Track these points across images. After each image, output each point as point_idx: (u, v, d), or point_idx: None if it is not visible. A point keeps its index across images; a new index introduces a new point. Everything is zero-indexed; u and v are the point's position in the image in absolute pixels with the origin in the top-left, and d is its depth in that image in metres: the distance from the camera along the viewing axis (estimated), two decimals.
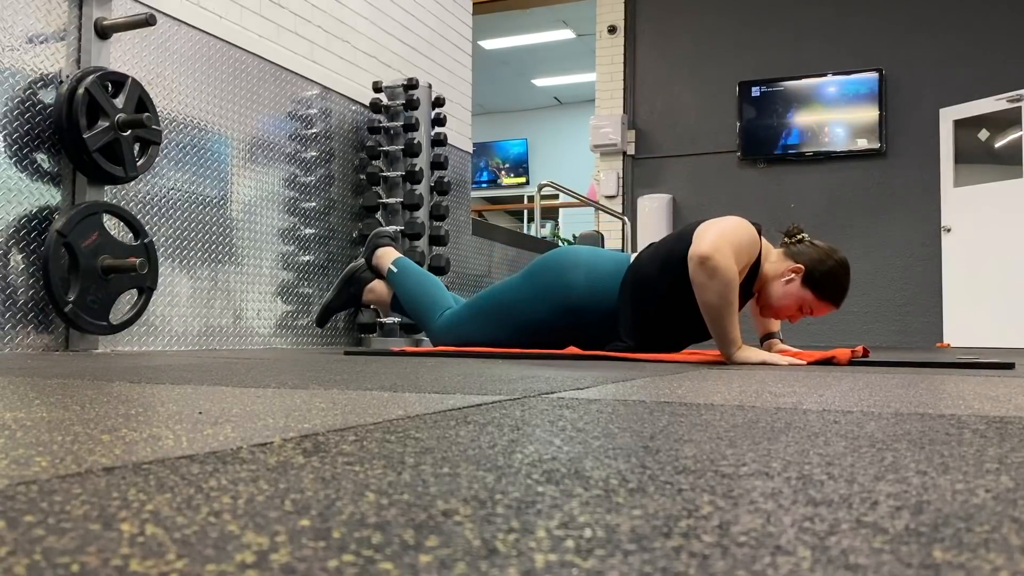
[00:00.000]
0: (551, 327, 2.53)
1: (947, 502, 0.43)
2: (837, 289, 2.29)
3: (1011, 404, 1.02)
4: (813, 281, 2.27)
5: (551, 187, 6.44)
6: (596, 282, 2.47)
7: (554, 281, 2.51)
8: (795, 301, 2.30)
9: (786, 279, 2.30)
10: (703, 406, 0.95)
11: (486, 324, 2.62)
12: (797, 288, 2.29)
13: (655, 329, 2.42)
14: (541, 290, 2.53)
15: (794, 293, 2.29)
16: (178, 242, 3.16)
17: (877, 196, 6.89)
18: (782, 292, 2.30)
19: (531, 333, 2.57)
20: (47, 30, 2.69)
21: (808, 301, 2.29)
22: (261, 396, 1.01)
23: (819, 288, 2.27)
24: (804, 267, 2.28)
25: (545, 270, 2.54)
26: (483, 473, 0.50)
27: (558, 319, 2.51)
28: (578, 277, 2.49)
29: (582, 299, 2.47)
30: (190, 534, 0.34)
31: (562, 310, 2.50)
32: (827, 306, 2.30)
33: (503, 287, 2.63)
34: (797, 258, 2.30)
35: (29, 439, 0.62)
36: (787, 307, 2.32)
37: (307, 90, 3.91)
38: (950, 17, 6.74)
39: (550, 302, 2.51)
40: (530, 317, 2.55)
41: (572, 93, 12.03)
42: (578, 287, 2.48)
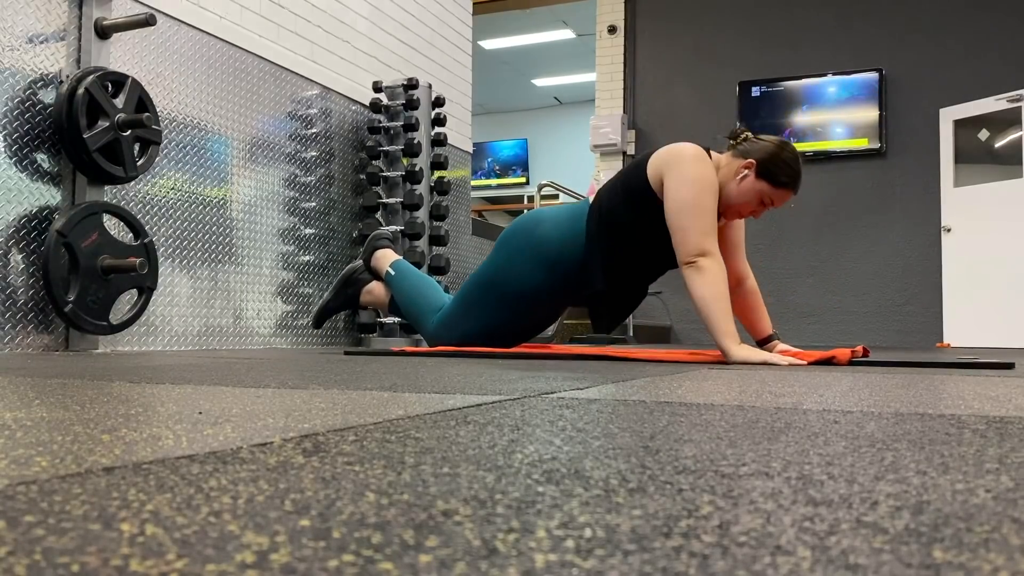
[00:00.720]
0: (539, 291, 2.54)
1: (947, 502, 0.43)
2: (791, 174, 2.33)
3: (1011, 404, 1.02)
4: (766, 171, 2.31)
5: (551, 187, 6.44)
6: (564, 230, 2.51)
7: (525, 243, 2.54)
8: (755, 195, 2.33)
9: (740, 176, 2.33)
10: (703, 406, 0.95)
11: (479, 311, 2.62)
12: (752, 182, 2.32)
13: (622, 263, 2.46)
14: (517, 256, 2.55)
15: (750, 187, 2.33)
16: (178, 242, 3.16)
17: (877, 196, 6.89)
18: (739, 190, 2.34)
19: (523, 305, 2.57)
20: (47, 30, 2.69)
21: (766, 192, 2.33)
22: (261, 396, 1.01)
23: (773, 177, 2.31)
24: (755, 161, 2.32)
25: (513, 236, 2.59)
26: (483, 473, 0.50)
27: (543, 280, 2.53)
28: (546, 231, 2.53)
29: (556, 252, 2.50)
30: (190, 534, 0.34)
31: (542, 268, 2.52)
32: (785, 192, 2.34)
33: (480, 271, 2.65)
34: (747, 155, 2.34)
35: (29, 439, 0.62)
36: (747, 203, 2.35)
37: (307, 90, 3.91)
38: (950, 17, 6.74)
39: (529, 264, 2.53)
40: (515, 287, 2.56)
41: (572, 93, 12.03)
42: (549, 239, 2.51)
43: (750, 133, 2.40)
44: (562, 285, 2.53)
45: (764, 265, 7.00)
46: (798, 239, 6.99)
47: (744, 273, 2.55)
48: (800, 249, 6.98)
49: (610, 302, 2.53)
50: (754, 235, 7.03)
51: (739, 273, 2.54)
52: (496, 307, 2.60)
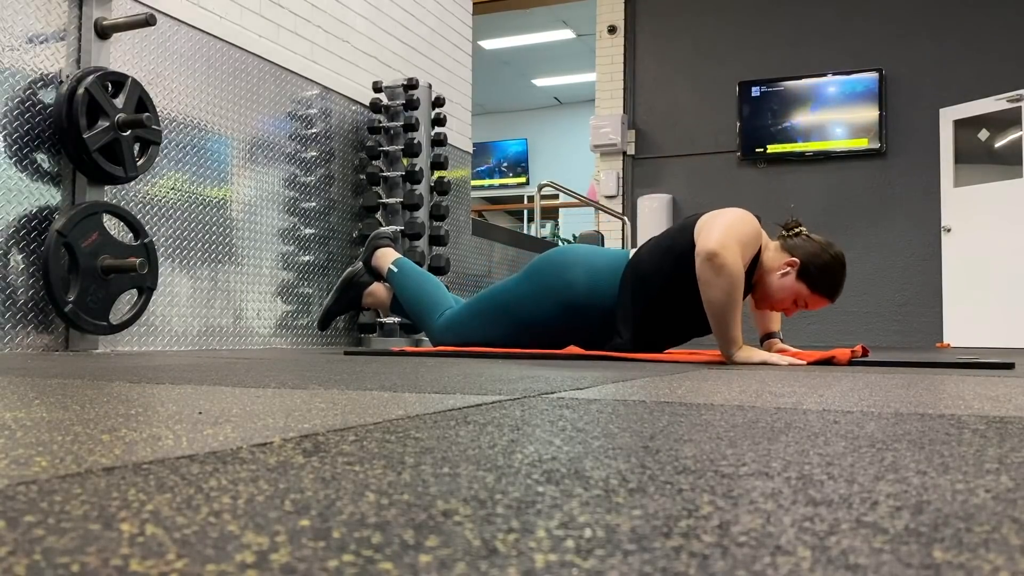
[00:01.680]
0: (551, 326, 2.54)
1: (947, 502, 0.43)
2: (832, 284, 2.30)
3: (1011, 404, 1.02)
4: (808, 275, 2.29)
5: (551, 187, 6.44)
6: (596, 279, 2.48)
7: (554, 279, 2.51)
8: (790, 294, 2.31)
9: (782, 272, 2.31)
10: (703, 406, 0.95)
11: (486, 323, 2.62)
12: (792, 281, 2.30)
13: (652, 323, 2.42)
14: (541, 289, 2.53)
15: (789, 286, 2.31)
16: (178, 242, 3.16)
17: (877, 196, 6.89)
18: (778, 285, 2.32)
19: (531, 332, 2.57)
20: (47, 30, 2.69)
21: (803, 295, 2.31)
22: (261, 396, 1.01)
23: (814, 282, 2.29)
24: (800, 260, 2.29)
25: (544, 269, 2.55)
26: (483, 473, 0.50)
27: (558, 318, 2.51)
28: (578, 275, 2.49)
29: (582, 297, 2.47)
30: (190, 534, 0.34)
31: (562, 308, 2.50)
32: (821, 300, 2.32)
33: (503, 287, 2.64)
34: (793, 251, 2.31)
35: (29, 439, 0.62)
36: (782, 300, 2.34)
37: (307, 90, 3.91)
38: (950, 17, 6.74)
39: (550, 300, 2.51)
40: (530, 316, 2.55)
41: (572, 93, 12.03)
42: (578, 285, 2.48)
43: (804, 229, 2.37)
44: (579, 328, 2.51)
45: None
46: None
47: None
48: None
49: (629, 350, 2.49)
50: None
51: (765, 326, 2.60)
52: (506, 328, 2.60)
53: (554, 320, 2.52)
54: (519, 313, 2.57)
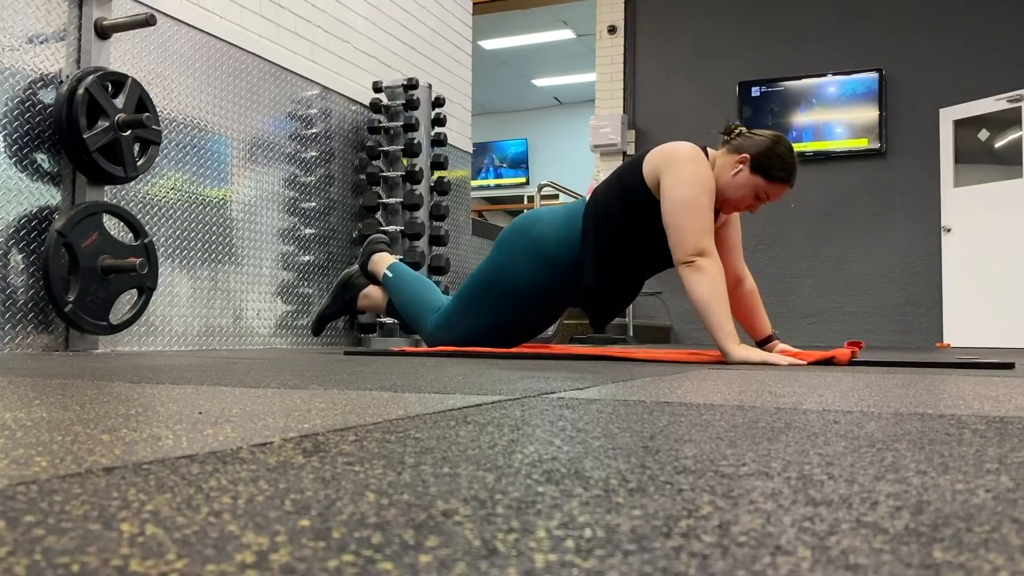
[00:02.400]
0: (536, 287, 2.54)
1: (947, 502, 0.43)
2: (786, 168, 2.33)
3: (1011, 404, 1.02)
4: (761, 166, 2.32)
5: (551, 187, 6.44)
6: (560, 228, 2.53)
7: (522, 242, 2.56)
8: (750, 190, 2.34)
9: (735, 171, 2.34)
10: (703, 406, 0.95)
11: (476, 310, 2.63)
12: (747, 176, 2.33)
13: (614, 261, 2.47)
14: (514, 255, 2.56)
15: (745, 182, 2.33)
16: (178, 242, 3.16)
17: (877, 196, 6.89)
18: (735, 184, 2.35)
19: (520, 301, 2.58)
20: (47, 30, 2.69)
21: (761, 187, 2.33)
22: (261, 396, 1.01)
23: (768, 171, 2.32)
24: (749, 156, 2.32)
25: (511, 236, 2.60)
26: (483, 473, 0.50)
27: (539, 276, 2.53)
28: (542, 229, 2.54)
29: (552, 248, 2.51)
30: (190, 534, 0.34)
31: (539, 267, 2.52)
32: (780, 186, 2.34)
33: (478, 271, 2.66)
34: (740, 150, 2.35)
35: (29, 439, 0.62)
36: (744, 197, 2.36)
37: (307, 90, 3.91)
38: (950, 17, 6.73)
39: (527, 263, 2.54)
40: (513, 285, 2.56)
41: (572, 93, 12.03)
42: (545, 238, 2.53)
43: (744, 128, 2.41)
44: (560, 283, 2.54)
45: (764, 265, 7.00)
46: (798, 239, 6.99)
47: (742, 273, 2.55)
48: (800, 249, 6.98)
49: (601, 299, 2.54)
50: (754, 235, 7.03)
51: (737, 273, 2.54)
52: (495, 306, 2.60)
53: (537, 281, 2.54)
54: (502, 286, 2.58)
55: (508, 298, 2.59)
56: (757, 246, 7.03)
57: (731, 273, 2.53)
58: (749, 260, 6.90)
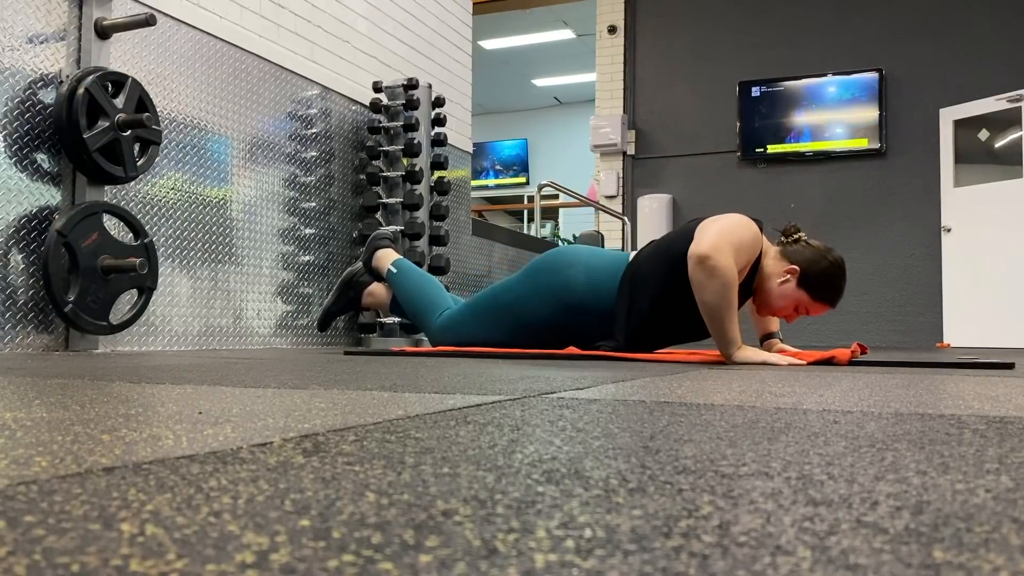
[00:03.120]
0: (550, 326, 2.54)
1: (947, 502, 0.43)
2: (832, 290, 2.30)
3: (1011, 404, 1.02)
4: (808, 282, 2.29)
5: (551, 187, 6.44)
6: (595, 280, 2.48)
7: (553, 280, 2.51)
8: (791, 302, 2.32)
9: (781, 280, 2.31)
10: (703, 406, 0.95)
11: (485, 323, 2.63)
12: (793, 289, 2.30)
13: (648, 326, 2.42)
14: (540, 289, 2.53)
15: (790, 294, 2.31)
16: (178, 242, 3.16)
17: (877, 196, 6.89)
18: (778, 292, 2.32)
19: (530, 332, 2.58)
20: (47, 30, 2.69)
21: (804, 302, 2.31)
22: (261, 396, 1.01)
23: (814, 289, 2.29)
24: (800, 268, 2.29)
25: (544, 269, 2.55)
26: (483, 473, 0.50)
27: (557, 318, 2.51)
28: (577, 275, 2.49)
29: (581, 297, 2.48)
30: (190, 534, 0.34)
31: (561, 309, 2.50)
32: (822, 307, 2.32)
33: (502, 287, 2.64)
34: (793, 258, 2.31)
35: (29, 439, 0.62)
36: (783, 307, 2.34)
37: (307, 90, 3.91)
38: (950, 17, 6.73)
39: (549, 301, 2.51)
40: (529, 316, 2.55)
41: (572, 93, 12.03)
42: (577, 285, 2.48)
43: (804, 235, 2.38)
44: (578, 329, 2.51)
45: None
46: None
47: None
48: None
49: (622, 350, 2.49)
50: None
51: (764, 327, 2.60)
52: (505, 327, 2.60)
53: (552, 320, 2.52)
54: (518, 313, 2.57)
55: (521, 325, 2.58)
56: None
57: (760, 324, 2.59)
58: None
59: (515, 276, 2.65)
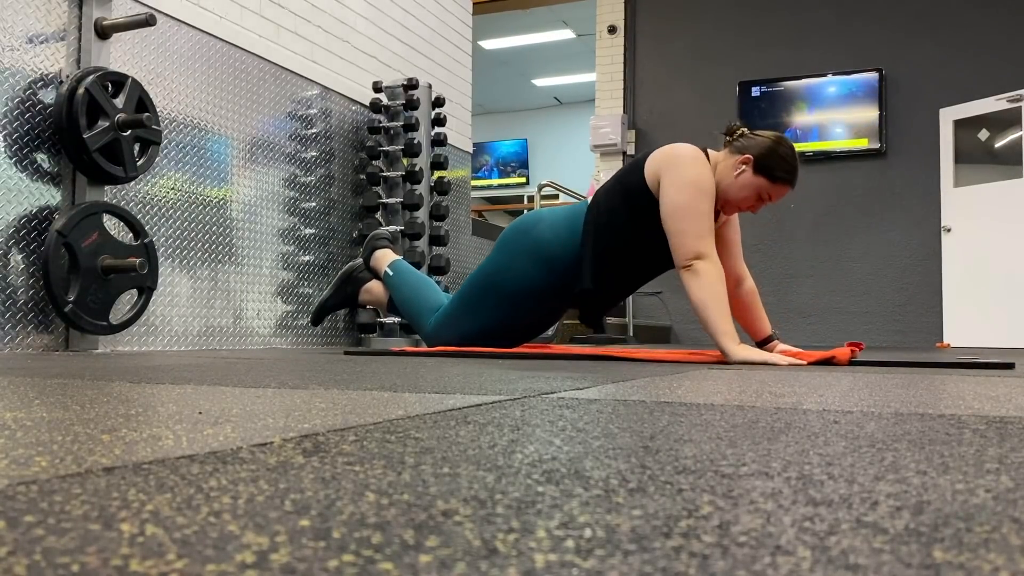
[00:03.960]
0: (536, 289, 2.55)
1: (947, 502, 0.43)
2: (788, 169, 2.33)
3: (1011, 404, 1.02)
4: (763, 167, 2.32)
5: (551, 187, 6.44)
6: (560, 230, 2.53)
7: (523, 242, 2.56)
8: (752, 191, 2.34)
9: (737, 172, 2.34)
10: (703, 406, 0.95)
11: (475, 310, 2.63)
12: (750, 177, 2.33)
13: (613, 263, 2.46)
14: (514, 255, 2.56)
15: (748, 182, 2.33)
16: (178, 242, 3.16)
17: (877, 196, 6.89)
18: (738, 185, 2.34)
19: (520, 302, 2.58)
20: (47, 30, 2.69)
21: (764, 187, 2.33)
22: (261, 396, 1.01)
23: (771, 172, 2.32)
24: (752, 156, 2.32)
25: (512, 237, 2.60)
26: (483, 473, 0.50)
27: (540, 280, 2.53)
28: (543, 231, 2.54)
29: (553, 250, 2.51)
30: (190, 534, 0.34)
31: (540, 268, 2.52)
32: (783, 187, 2.34)
33: (478, 272, 2.66)
34: (743, 151, 2.35)
35: (29, 439, 0.62)
36: (746, 198, 2.36)
37: (307, 90, 3.91)
38: (950, 17, 6.73)
39: (526, 264, 2.54)
40: (514, 285, 2.56)
41: (572, 93, 12.03)
42: (545, 239, 2.53)
43: (746, 129, 2.41)
44: (559, 284, 2.54)
45: (764, 265, 7.00)
46: (798, 239, 6.99)
47: (742, 274, 2.55)
48: (800, 249, 6.98)
49: (596, 300, 2.53)
50: (754, 235, 7.03)
51: (737, 274, 2.54)
52: (495, 306, 2.60)
53: (536, 283, 2.54)
54: (503, 287, 2.58)
55: (508, 299, 2.59)
56: (757, 246, 7.03)
57: (731, 274, 2.53)
58: (749, 260, 6.90)
59: (487, 258, 2.67)
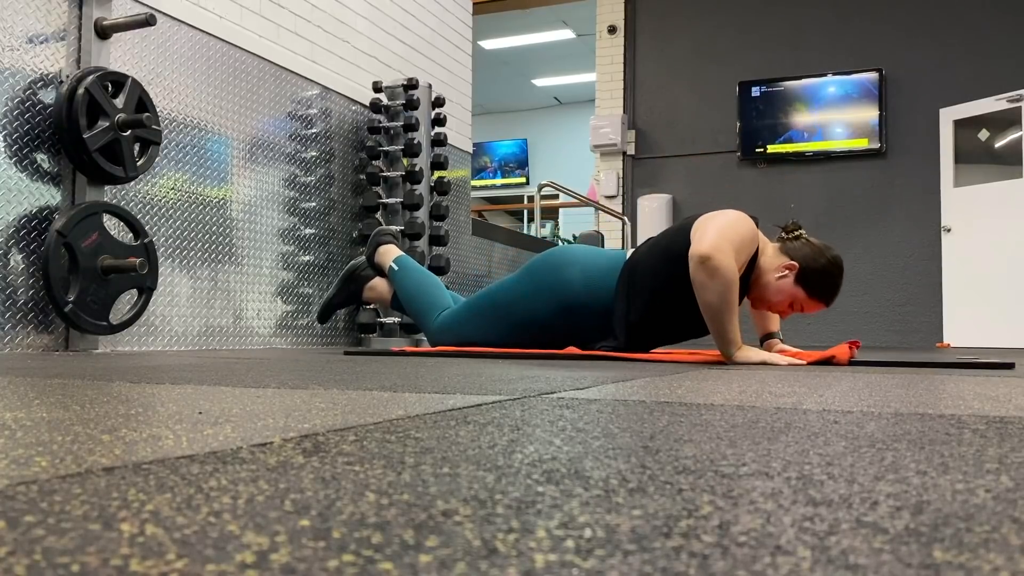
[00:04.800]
0: (549, 326, 2.54)
1: (947, 502, 0.43)
2: (829, 288, 2.31)
3: (1011, 404, 1.02)
4: (806, 279, 2.29)
5: (551, 187, 6.44)
6: (593, 279, 2.48)
7: (551, 279, 2.52)
8: (787, 297, 2.32)
9: (779, 275, 2.32)
10: (703, 406, 0.95)
11: (484, 323, 2.63)
12: (790, 285, 2.31)
13: (647, 324, 2.43)
14: (538, 288, 2.53)
15: (787, 290, 2.31)
16: (178, 242, 3.16)
17: (877, 196, 6.89)
18: (775, 288, 2.32)
19: (529, 332, 2.58)
20: (47, 30, 2.69)
21: (800, 298, 2.32)
22: (261, 396, 1.01)
23: (811, 286, 2.30)
24: (799, 264, 2.30)
25: (542, 268, 2.55)
26: (483, 473, 0.50)
27: (555, 317, 2.52)
28: (575, 274, 2.50)
29: (579, 296, 2.48)
30: (190, 534, 0.34)
31: (559, 308, 2.50)
32: (818, 304, 2.33)
33: (500, 287, 2.64)
34: (792, 254, 2.32)
35: (29, 439, 0.62)
36: (779, 303, 2.34)
37: (307, 90, 3.91)
38: (950, 17, 6.73)
39: (547, 300, 2.51)
40: (527, 316, 2.55)
41: (572, 93, 12.03)
42: (575, 284, 2.49)
43: (803, 232, 2.38)
44: (577, 328, 2.51)
45: None
46: None
47: None
48: None
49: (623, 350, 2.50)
50: None
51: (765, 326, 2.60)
52: (503, 326, 2.61)
53: (551, 320, 2.52)
54: (516, 313, 2.57)
55: (518, 324, 2.58)
56: None
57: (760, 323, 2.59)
58: None
59: (513, 276, 2.65)
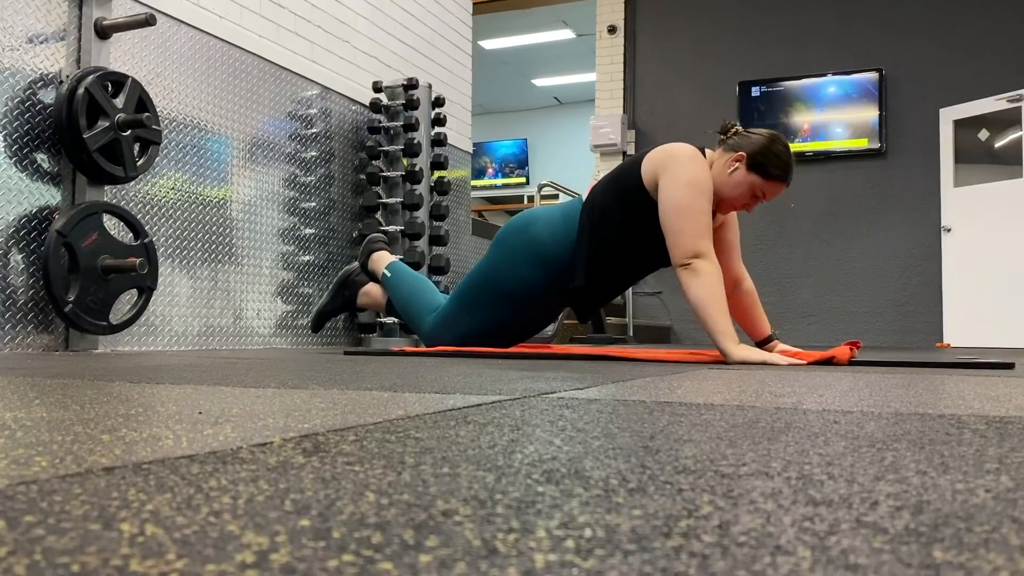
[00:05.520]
0: (534, 289, 2.55)
1: (947, 502, 0.43)
2: (782, 166, 2.33)
3: (1011, 404, 1.02)
4: (757, 164, 2.32)
5: (551, 187, 6.44)
6: (556, 228, 2.52)
7: (518, 242, 2.56)
8: (746, 188, 2.34)
9: (731, 169, 2.34)
10: (703, 406, 0.95)
11: (473, 309, 2.63)
12: (743, 175, 2.33)
13: (607, 261, 2.46)
14: (511, 256, 2.56)
15: (742, 179, 2.33)
16: (178, 242, 3.16)
17: (877, 196, 6.89)
18: (733, 183, 2.34)
19: (517, 301, 2.58)
20: (47, 30, 2.69)
21: (757, 185, 2.33)
22: (261, 396, 1.01)
23: (764, 169, 2.32)
24: (745, 154, 2.32)
25: (508, 237, 2.60)
26: (483, 473, 0.50)
27: (536, 277, 2.53)
28: (539, 229, 2.54)
29: (549, 249, 2.51)
30: (190, 534, 0.34)
31: (536, 267, 2.53)
32: (777, 185, 2.34)
33: (475, 270, 2.66)
34: (737, 148, 2.35)
35: (29, 439, 0.62)
36: (740, 196, 2.35)
37: (307, 90, 3.91)
38: (950, 17, 6.73)
39: (524, 262, 2.54)
40: (510, 284, 2.57)
41: (572, 93, 12.03)
42: (542, 237, 2.53)
43: (740, 127, 2.41)
44: (557, 283, 2.54)
45: (764, 265, 7.00)
46: (798, 239, 6.99)
47: (740, 274, 2.55)
48: (800, 249, 6.98)
49: (590, 297, 2.53)
50: (754, 235, 7.03)
51: (735, 274, 2.54)
52: (492, 306, 2.61)
53: (533, 281, 2.54)
54: (500, 286, 2.58)
55: (505, 298, 2.59)
56: (757, 246, 7.03)
57: (729, 274, 2.53)
58: (749, 260, 6.90)
59: (484, 258, 2.67)
